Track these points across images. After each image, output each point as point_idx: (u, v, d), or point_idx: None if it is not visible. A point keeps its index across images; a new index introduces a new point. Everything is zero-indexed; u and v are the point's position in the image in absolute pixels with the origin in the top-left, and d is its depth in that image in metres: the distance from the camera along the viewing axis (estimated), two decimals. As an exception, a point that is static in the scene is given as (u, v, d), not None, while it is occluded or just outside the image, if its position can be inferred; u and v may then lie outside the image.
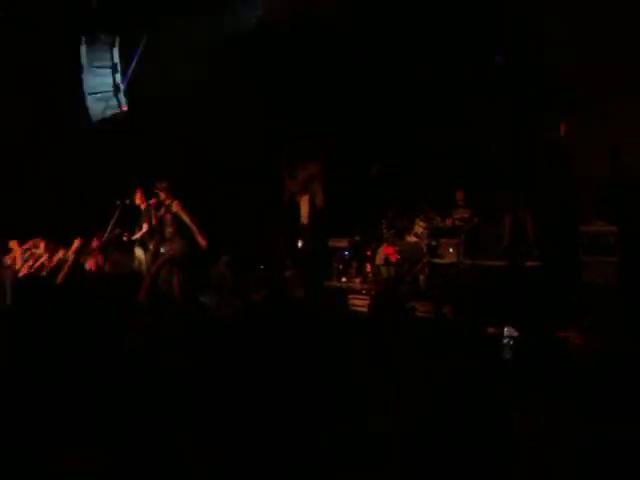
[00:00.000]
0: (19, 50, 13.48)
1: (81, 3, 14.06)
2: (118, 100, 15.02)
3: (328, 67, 14.11)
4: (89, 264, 9.94)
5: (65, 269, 8.58)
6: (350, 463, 3.42)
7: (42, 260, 10.19)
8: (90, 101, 14.74)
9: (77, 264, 9.67)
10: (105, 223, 12.54)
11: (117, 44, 15.00)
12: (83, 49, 14.69)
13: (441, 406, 3.58)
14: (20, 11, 13.40)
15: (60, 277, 8.16)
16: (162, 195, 11.56)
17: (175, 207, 11.37)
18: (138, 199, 13.04)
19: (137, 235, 12.96)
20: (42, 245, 10.98)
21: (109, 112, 14.85)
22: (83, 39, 14.64)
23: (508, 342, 4.47)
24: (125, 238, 12.89)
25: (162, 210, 11.58)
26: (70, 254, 9.81)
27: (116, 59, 15.03)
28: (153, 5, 14.24)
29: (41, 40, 13.55)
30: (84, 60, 14.73)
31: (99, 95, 14.90)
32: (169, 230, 11.40)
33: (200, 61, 14.15)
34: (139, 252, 12.92)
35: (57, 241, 11.05)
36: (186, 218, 11.26)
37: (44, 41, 13.59)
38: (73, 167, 13.69)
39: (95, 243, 11.61)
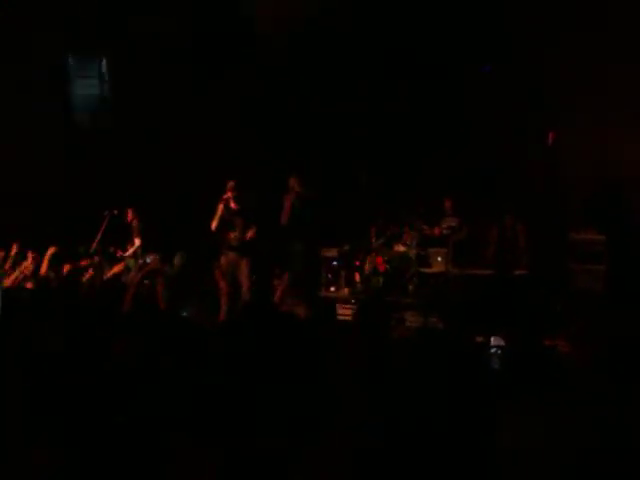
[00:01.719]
0: (6, 57, 13.45)
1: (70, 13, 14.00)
2: (106, 110, 14.99)
3: (319, 71, 14.12)
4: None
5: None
6: (342, 468, 3.41)
7: (27, 271, 10.09)
8: (77, 111, 14.70)
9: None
10: (93, 233, 12.52)
11: (105, 55, 14.97)
12: (71, 59, 14.66)
13: (430, 414, 3.57)
14: (10, 18, 13.36)
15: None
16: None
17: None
18: (129, 217, 13.05)
19: (130, 252, 12.96)
20: (29, 255, 10.88)
21: (96, 122, 14.81)
22: (71, 48, 14.62)
23: (496, 351, 4.47)
24: (119, 255, 12.89)
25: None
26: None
27: (104, 69, 14.99)
28: (141, 9, 14.18)
29: (29, 49, 13.52)
30: (72, 70, 14.70)
31: (86, 105, 14.87)
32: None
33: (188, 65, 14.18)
34: (131, 262, 12.88)
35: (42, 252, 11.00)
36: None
37: (32, 50, 13.56)
38: (60, 177, 13.66)
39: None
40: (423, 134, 13.50)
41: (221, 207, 11.28)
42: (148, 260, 12.25)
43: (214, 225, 11.31)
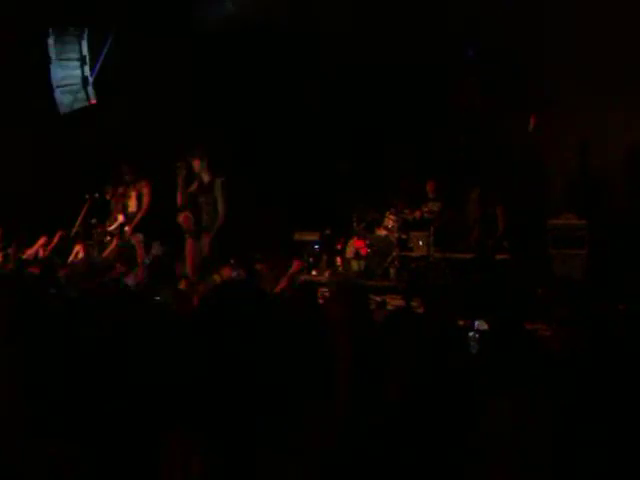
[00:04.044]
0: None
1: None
2: (87, 93, 14.85)
3: (299, 61, 14.10)
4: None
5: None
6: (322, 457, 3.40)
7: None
8: (58, 94, 14.56)
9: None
10: (74, 216, 12.44)
11: (86, 36, 14.81)
12: (51, 41, 14.51)
13: (407, 398, 3.58)
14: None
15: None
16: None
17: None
18: (109, 195, 12.96)
19: (112, 227, 12.82)
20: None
21: (77, 105, 14.68)
22: (51, 31, 14.46)
23: (474, 335, 4.48)
24: (99, 230, 12.75)
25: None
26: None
27: (85, 51, 14.83)
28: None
29: (7, 31, 13.37)
30: (52, 52, 14.55)
31: (67, 88, 14.73)
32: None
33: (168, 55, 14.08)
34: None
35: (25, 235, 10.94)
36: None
37: (10, 32, 13.41)
38: (41, 160, 13.53)
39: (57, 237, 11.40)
40: (405, 119, 13.51)
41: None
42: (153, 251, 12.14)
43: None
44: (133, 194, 12.61)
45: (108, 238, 12.73)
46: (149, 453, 3.47)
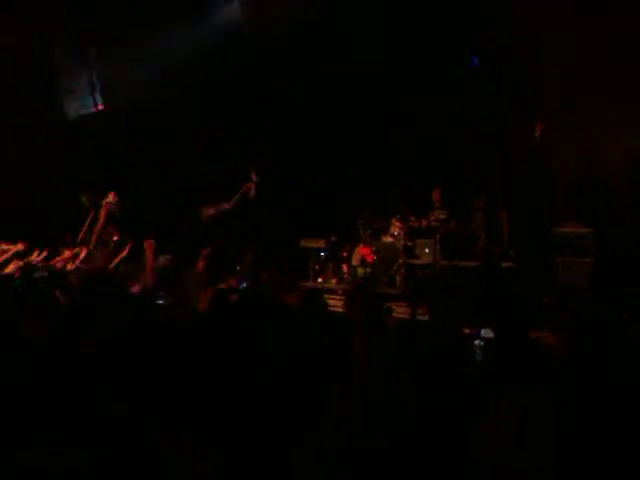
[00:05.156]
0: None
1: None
2: (94, 99, 14.89)
3: (302, 68, 14.13)
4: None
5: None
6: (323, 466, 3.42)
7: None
8: (65, 100, 14.59)
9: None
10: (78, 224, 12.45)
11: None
12: (59, 47, 14.55)
13: (414, 407, 3.59)
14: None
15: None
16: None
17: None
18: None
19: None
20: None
21: (84, 111, 14.71)
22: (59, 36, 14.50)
23: (479, 343, 4.48)
24: (115, 238, 12.73)
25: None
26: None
27: (92, 58, 14.87)
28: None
29: (16, 38, 13.38)
30: (60, 58, 14.59)
31: (75, 94, 14.76)
32: None
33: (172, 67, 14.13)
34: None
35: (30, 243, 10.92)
36: None
37: (19, 39, 13.43)
38: (46, 166, 13.53)
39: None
40: (411, 126, 13.52)
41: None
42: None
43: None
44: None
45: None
46: (149, 453, 3.50)
